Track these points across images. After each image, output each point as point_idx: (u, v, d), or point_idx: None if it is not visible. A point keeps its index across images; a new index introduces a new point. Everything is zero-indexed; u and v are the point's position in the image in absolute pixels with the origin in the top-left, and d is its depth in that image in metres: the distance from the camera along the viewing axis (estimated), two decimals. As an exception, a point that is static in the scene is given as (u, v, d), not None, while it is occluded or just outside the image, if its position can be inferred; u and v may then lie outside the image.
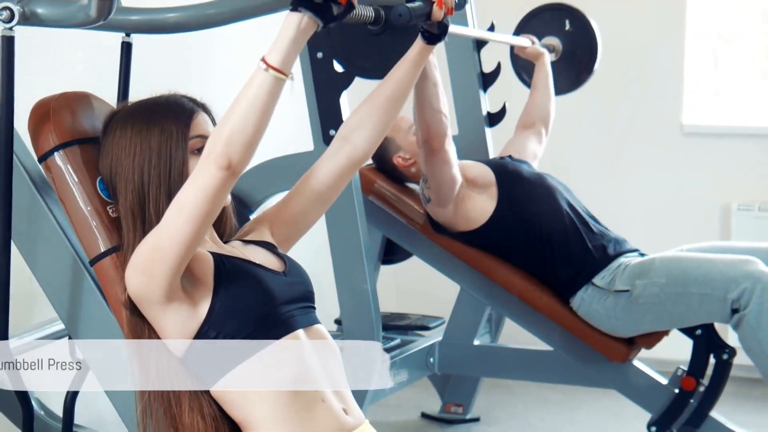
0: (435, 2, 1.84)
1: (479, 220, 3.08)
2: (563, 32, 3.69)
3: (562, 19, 3.68)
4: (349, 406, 1.79)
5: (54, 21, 1.84)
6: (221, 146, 1.57)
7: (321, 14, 1.52)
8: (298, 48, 1.55)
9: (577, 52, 3.69)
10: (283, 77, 1.56)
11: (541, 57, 3.55)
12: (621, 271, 2.99)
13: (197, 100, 1.84)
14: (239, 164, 1.58)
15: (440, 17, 1.85)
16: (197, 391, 1.73)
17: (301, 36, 1.55)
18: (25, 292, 2.77)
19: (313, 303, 1.86)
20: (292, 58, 1.56)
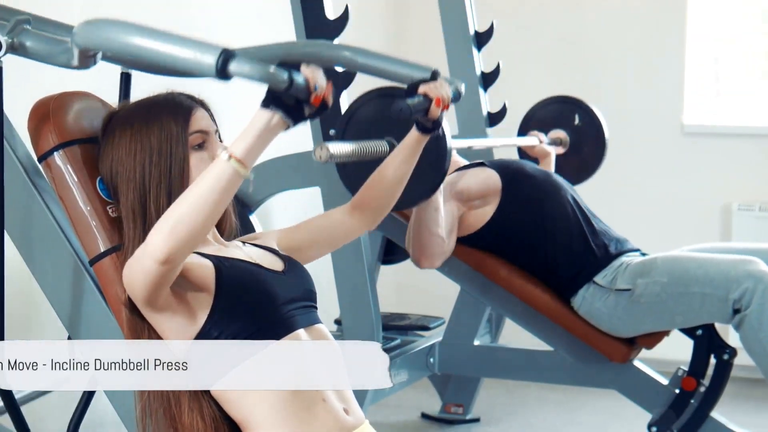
0: (434, 100, 1.90)
1: (478, 224, 3.07)
2: (572, 126, 3.70)
3: (571, 112, 3.70)
4: (349, 406, 1.79)
5: (39, 56, 1.87)
6: (162, 237, 1.53)
7: (292, 115, 1.48)
8: (264, 145, 1.52)
9: (584, 146, 3.71)
10: (244, 171, 1.52)
11: (548, 157, 3.57)
12: (623, 270, 2.99)
13: (195, 97, 1.84)
14: (179, 257, 1.56)
15: (437, 115, 1.92)
16: (197, 391, 1.73)
17: (269, 134, 1.51)
18: (25, 292, 2.77)
19: (314, 302, 1.86)
20: (256, 154, 1.52)
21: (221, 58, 1.42)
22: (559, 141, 3.68)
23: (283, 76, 1.43)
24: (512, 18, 4.68)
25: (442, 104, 1.91)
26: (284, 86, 1.43)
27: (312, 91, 1.48)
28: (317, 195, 2.97)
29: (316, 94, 1.48)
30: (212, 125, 1.82)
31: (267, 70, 1.40)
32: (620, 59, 4.69)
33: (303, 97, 1.47)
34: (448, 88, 1.95)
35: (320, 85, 1.49)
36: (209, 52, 1.43)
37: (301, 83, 1.46)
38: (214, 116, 1.85)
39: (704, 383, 3.04)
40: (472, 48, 3.67)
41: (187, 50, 1.45)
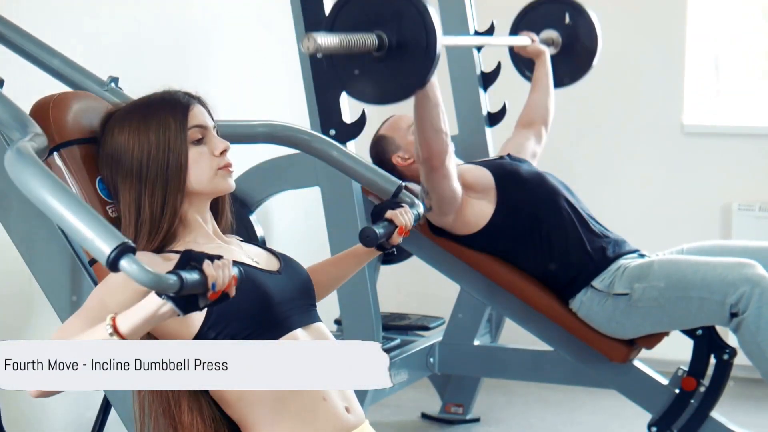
0: (397, 228, 1.97)
1: (478, 225, 3.07)
2: (562, 25, 3.68)
3: (561, 11, 3.68)
4: (351, 405, 1.79)
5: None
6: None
7: (183, 306, 1.46)
8: (150, 326, 1.50)
9: (576, 44, 3.68)
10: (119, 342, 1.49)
11: (542, 55, 3.54)
12: (620, 274, 2.99)
13: (192, 93, 1.85)
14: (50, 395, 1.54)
15: (398, 242, 1.99)
16: (197, 392, 1.73)
17: (157, 320, 1.49)
18: (25, 292, 2.77)
19: (312, 299, 1.86)
20: (140, 333, 1.50)
21: (115, 252, 1.40)
22: (550, 41, 3.66)
23: (169, 281, 1.41)
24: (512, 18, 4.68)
25: (404, 232, 1.98)
26: (173, 290, 1.41)
27: (208, 289, 1.45)
28: (317, 195, 2.97)
29: (213, 291, 1.46)
30: (210, 120, 1.83)
31: (152, 277, 1.39)
32: (620, 59, 4.69)
33: (198, 293, 1.45)
34: (411, 215, 2.01)
35: (220, 282, 1.46)
36: (107, 242, 1.41)
37: (193, 282, 1.43)
38: (211, 112, 1.85)
39: (704, 383, 3.04)
40: (472, 48, 3.67)
41: (89, 231, 1.43)
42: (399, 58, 2.10)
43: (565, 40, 3.68)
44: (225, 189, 1.83)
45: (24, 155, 1.54)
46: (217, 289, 1.47)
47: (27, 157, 1.54)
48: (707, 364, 3.04)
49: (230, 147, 1.82)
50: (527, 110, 3.52)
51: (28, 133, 1.67)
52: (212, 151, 1.80)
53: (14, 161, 1.54)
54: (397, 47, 2.38)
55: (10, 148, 1.58)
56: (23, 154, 1.54)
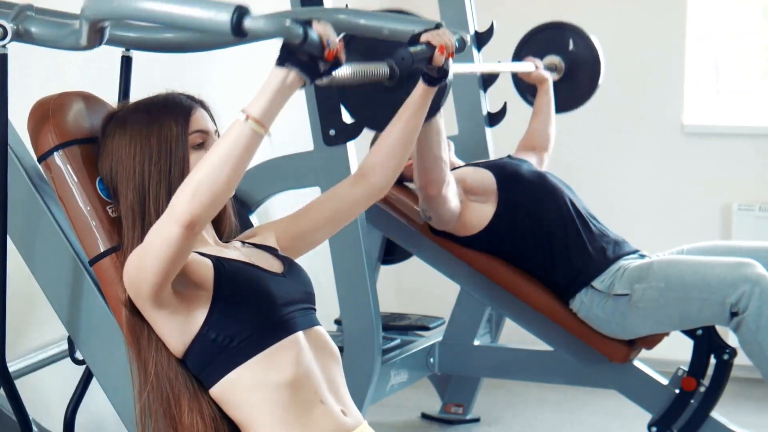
0: (437, 47, 1.87)
1: (479, 226, 3.07)
2: (566, 51, 3.68)
3: (565, 37, 3.68)
4: (347, 408, 1.79)
5: (46, 41, 1.85)
6: (186, 200, 1.53)
7: (308, 71, 1.49)
8: (281, 103, 1.52)
9: (579, 71, 3.68)
10: (262, 131, 1.52)
11: (545, 82, 3.55)
12: (620, 275, 2.99)
13: (195, 97, 1.84)
14: (201, 221, 1.55)
15: (441, 63, 1.89)
16: (197, 392, 1.73)
17: (287, 92, 1.51)
18: (25, 292, 2.77)
19: (313, 304, 1.86)
20: (274, 113, 1.52)
21: (236, 15, 1.43)
22: (554, 67, 3.66)
23: (298, 30, 1.44)
24: (512, 18, 4.68)
25: (446, 52, 1.88)
26: (299, 41, 1.44)
27: (326, 46, 1.48)
28: (317, 195, 2.97)
29: (330, 48, 1.48)
30: (212, 125, 1.83)
31: (282, 24, 1.42)
32: (620, 59, 4.69)
33: (317, 52, 1.47)
34: (452, 36, 1.92)
35: (333, 40, 1.50)
36: (224, 10, 1.43)
37: (314, 38, 1.47)
38: (213, 116, 1.85)
39: (704, 383, 3.04)
40: (472, 49, 3.67)
41: (201, 10, 1.45)
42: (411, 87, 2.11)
43: (568, 66, 3.68)
44: None
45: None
46: (332, 47, 1.48)
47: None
48: (707, 364, 3.04)
49: None
50: (528, 137, 3.53)
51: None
52: None
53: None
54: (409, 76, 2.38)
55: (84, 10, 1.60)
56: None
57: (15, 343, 2.88)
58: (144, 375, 1.72)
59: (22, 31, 1.84)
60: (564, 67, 3.67)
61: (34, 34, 1.85)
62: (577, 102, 3.71)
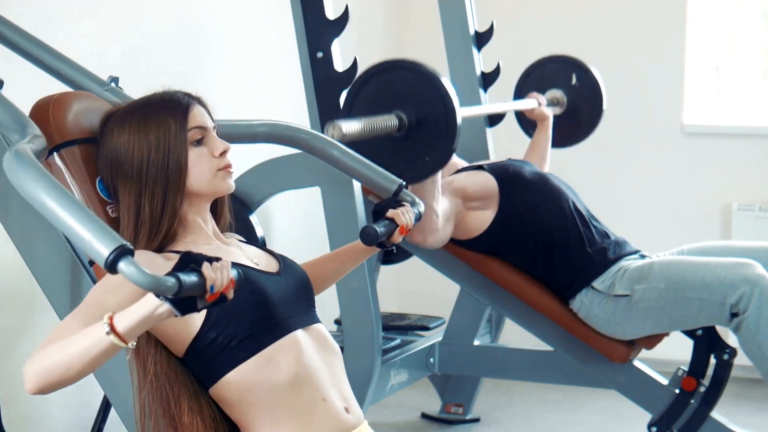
0: (398, 227, 1.98)
1: (479, 229, 3.07)
2: (568, 85, 3.68)
3: (568, 71, 3.68)
4: (350, 405, 1.79)
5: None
6: (35, 375, 1.53)
7: (181, 308, 1.45)
8: (147, 326, 1.50)
9: (581, 107, 3.69)
10: (122, 344, 1.49)
11: (546, 120, 3.56)
12: (620, 276, 2.99)
13: (192, 94, 1.85)
14: (47, 392, 1.55)
15: (398, 241, 2.00)
16: (197, 392, 1.73)
17: (155, 320, 1.48)
18: (25, 292, 2.77)
19: (311, 300, 1.86)
20: (138, 332, 1.50)
21: (114, 254, 1.40)
22: (556, 101, 3.66)
23: (167, 283, 1.40)
24: (512, 18, 4.68)
25: (405, 231, 1.99)
26: (172, 293, 1.41)
27: (207, 291, 1.45)
28: (317, 195, 2.97)
29: (211, 293, 1.45)
30: (210, 121, 1.83)
31: (150, 279, 1.39)
32: (620, 59, 4.69)
33: (196, 294, 1.44)
34: (412, 214, 2.01)
35: (219, 284, 1.46)
36: (106, 244, 1.41)
37: (191, 284, 1.43)
38: (211, 113, 1.85)
39: (704, 383, 3.04)
40: (472, 48, 3.67)
41: (87, 233, 1.43)
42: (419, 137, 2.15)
43: (570, 101, 3.68)
44: (225, 190, 1.83)
45: (23, 157, 1.54)
46: (216, 291, 1.46)
47: (26, 160, 1.54)
48: (707, 364, 3.04)
49: (230, 148, 1.82)
50: None
51: (27, 135, 1.66)
52: (212, 152, 1.80)
53: (13, 164, 1.54)
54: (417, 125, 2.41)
55: (8, 150, 1.57)
56: (22, 157, 1.54)
57: (15, 344, 2.88)
58: (143, 374, 1.72)
59: None
60: (566, 102, 3.68)
61: None
62: (576, 138, 3.73)
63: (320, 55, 2.81)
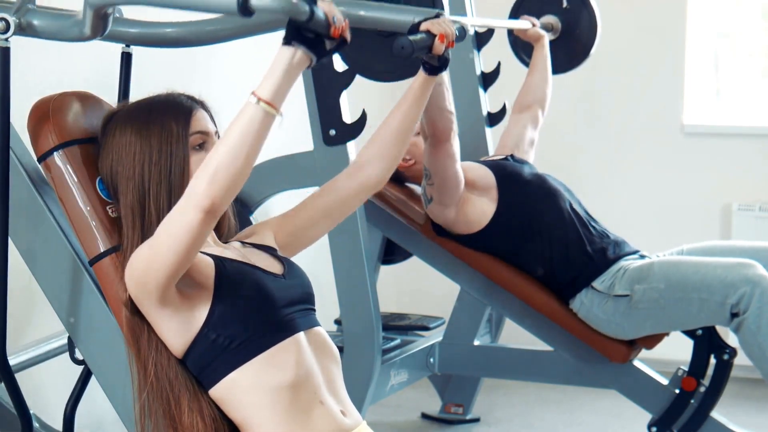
0: (437, 36, 1.85)
1: (480, 223, 3.07)
2: (561, 10, 3.66)
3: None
4: (346, 408, 1.79)
5: (49, 34, 1.84)
6: (205, 185, 1.55)
7: (314, 49, 1.49)
8: (290, 82, 1.52)
9: (575, 30, 3.66)
10: (274, 112, 1.53)
11: (541, 39, 3.52)
12: (620, 276, 2.99)
13: (195, 98, 1.84)
14: (221, 205, 1.57)
15: (441, 51, 1.87)
16: (197, 392, 1.73)
17: (294, 70, 1.51)
18: (25, 292, 2.77)
19: (312, 305, 1.86)
20: (284, 93, 1.53)
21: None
22: (549, 26, 3.64)
23: (304, 7, 1.44)
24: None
25: (446, 40, 1.86)
26: (305, 17, 1.44)
27: (332, 24, 1.48)
28: (317, 195, 2.97)
29: (335, 26, 1.49)
30: (212, 126, 1.82)
31: (285, 2, 1.41)
32: (620, 59, 4.69)
33: (323, 30, 1.47)
34: (452, 25, 1.90)
35: (338, 18, 1.50)
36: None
37: (320, 15, 1.47)
38: (214, 117, 1.84)
39: (704, 383, 3.04)
40: (472, 48, 3.67)
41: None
42: None
43: (564, 26, 3.66)
44: None
45: None
46: (338, 25, 1.48)
47: None
48: (707, 364, 3.04)
49: None
50: (524, 94, 3.51)
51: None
52: None
53: None
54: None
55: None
56: None
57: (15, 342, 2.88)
58: (144, 375, 1.72)
59: (25, 24, 1.83)
60: (560, 28, 3.66)
61: (36, 27, 1.84)
62: (573, 63, 3.69)
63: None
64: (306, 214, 1.93)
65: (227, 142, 1.54)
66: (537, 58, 3.52)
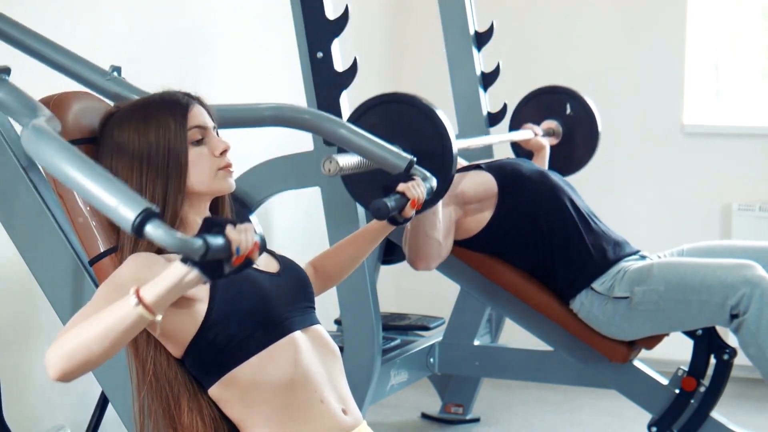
0: (410, 201, 1.99)
1: (476, 229, 3.07)
2: (563, 116, 3.68)
3: (562, 102, 3.68)
4: (348, 406, 1.79)
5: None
6: (59, 359, 1.51)
7: (209, 273, 1.45)
8: (175, 296, 1.49)
9: (577, 136, 3.69)
10: (150, 317, 1.49)
11: (542, 150, 3.55)
12: (620, 278, 2.99)
13: (191, 94, 1.84)
14: (71, 379, 1.54)
15: (410, 215, 2.01)
16: (197, 392, 1.73)
17: (183, 288, 1.48)
18: (25, 292, 2.77)
19: (311, 302, 1.86)
20: (167, 303, 1.50)
21: (140, 217, 1.40)
22: (551, 131, 3.66)
23: (195, 245, 1.40)
24: (512, 18, 4.68)
25: (416, 204, 1.99)
26: (199, 254, 1.40)
27: (233, 254, 1.44)
28: (317, 195, 2.97)
29: (237, 255, 1.45)
30: (210, 121, 1.82)
31: (179, 240, 1.38)
32: (620, 59, 4.69)
33: (222, 258, 1.44)
34: (423, 188, 2.03)
35: (244, 247, 1.45)
36: (131, 208, 1.40)
37: (218, 246, 1.42)
38: (211, 113, 1.85)
39: (704, 383, 3.04)
40: (472, 48, 3.67)
41: (112, 199, 1.42)
42: None
43: (565, 131, 3.68)
44: (225, 189, 1.83)
45: (41, 130, 1.54)
46: (241, 254, 1.45)
47: (44, 132, 1.53)
48: (707, 364, 3.04)
49: (230, 147, 1.82)
50: None
51: (40, 116, 1.66)
52: (212, 152, 1.80)
53: (32, 137, 1.53)
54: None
55: (25, 128, 1.56)
56: (40, 130, 1.54)
57: (15, 342, 2.88)
58: (143, 375, 1.73)
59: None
60: (561, 132, 3.68)
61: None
62: (575, 167, 3.72)
63: (320, 55, 2.81)
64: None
65: (93, 329, 1.50)
66: (537, 163, 3.54)
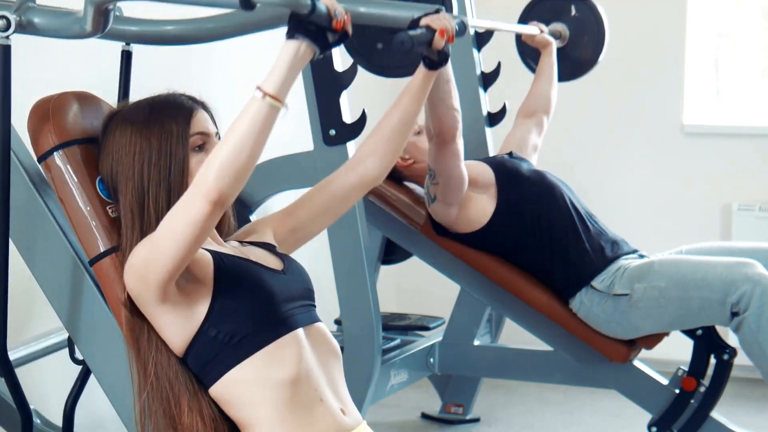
0: (437, 31, 1.88)
1: (480, 222, 3.07)
2: (569, 18, 3.66)
3: (568, 4, 3.66)
4: (346, 407, 1.79)
5: (50, 31, 1.86)
6: (212, 179, 1.57)
7: (318, 41, 1.53)
8: (294, 75, 1.55)
9: (583, 38, 3.65)
10: (279, 105, 1.55)
11: (549, 46, 3.52)
12: (620, 275, 2.99)
13: (196, 98, 1.84)
14: (229, 197, 1.59)
15: (441, 46, 1.89)
16: (197, 392, 1.73)
17: (299, 63, 1.55)
18: (25, 292, 2.77)
19: (313, 301, 1.86)
20: (288, 86, 1.56)
21: None
22: (558, 34, 3.64)
23: (306, 0, 1.48)
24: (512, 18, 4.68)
25: (446, 35, 1.88)
26: (307, 11, 1.48)
27: (333, 17, 1.52)
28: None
29: (337, 19, 1.52)
30: (213, 127, 1.82)
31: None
32: (620, 59, 4.69)
33: (325, 23, 1.52)
34: (452, 20, 1.92)
35: (340, 11, 1.54)
36: None
37: (322, 9, 1.51)
38: (215, 118, 1.84)
39: (704, 383, 3.04)
40: (472, 48, 3.67)
41: None
42: None
43: (572, 34, 3.66)
44: None
45: None
46: (339, 18, 1.52)
47: None
48: (707, 364, 3.04)
49: None
50: (530, 99, 3.51)
51: None
52: None
53: None
54: None
55: None
56: None
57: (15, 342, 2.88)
58: (144, 375, 1.72)
59: (25, 22, 1.84)
60: (568, 35, 3.66)
61: (37, 25, 1.85)
62: (580, 71, 3.68)
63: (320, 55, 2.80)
64: (306, 209, 1.94)
65: (234, 135, 1.56)
66: (544, 64, 3.52)
